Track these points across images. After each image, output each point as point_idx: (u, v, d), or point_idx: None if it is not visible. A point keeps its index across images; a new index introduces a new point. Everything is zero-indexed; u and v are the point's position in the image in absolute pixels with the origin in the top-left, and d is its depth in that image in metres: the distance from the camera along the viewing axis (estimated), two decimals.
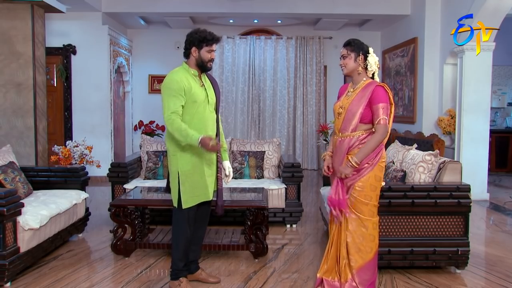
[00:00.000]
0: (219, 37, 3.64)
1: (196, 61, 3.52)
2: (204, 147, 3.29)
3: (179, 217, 3.51)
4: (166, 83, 3.46)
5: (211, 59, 3.53)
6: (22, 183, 4.62)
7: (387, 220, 3.95)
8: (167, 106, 3.38)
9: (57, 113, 8.68)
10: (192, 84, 3.45)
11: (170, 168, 3.52)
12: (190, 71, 3.53)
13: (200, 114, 3.47)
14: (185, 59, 3.61)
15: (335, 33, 10.59)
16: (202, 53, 3.50)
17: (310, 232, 5.38)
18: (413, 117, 8.58)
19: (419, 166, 4.14)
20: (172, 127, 3.34)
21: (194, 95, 3.43)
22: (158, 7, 8.68)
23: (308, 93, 10.47)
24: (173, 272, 3.60)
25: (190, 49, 3.53)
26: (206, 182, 3.50)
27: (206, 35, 3.52)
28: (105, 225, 5.57)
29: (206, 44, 3.49)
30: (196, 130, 3.39)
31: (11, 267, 3.66)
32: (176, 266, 3.59)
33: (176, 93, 3.38)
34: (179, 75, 3.46)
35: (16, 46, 6.22)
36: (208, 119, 3.53)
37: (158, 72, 10.60)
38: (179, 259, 3.57)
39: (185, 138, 3.31)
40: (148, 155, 5.98)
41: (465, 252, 3.95)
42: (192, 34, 3.56)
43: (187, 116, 3.43)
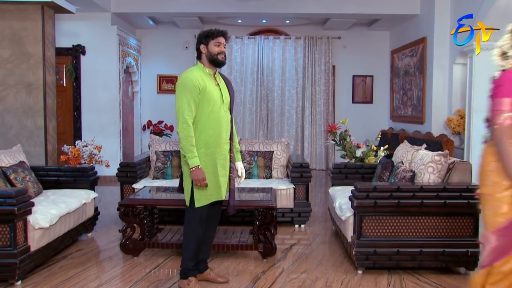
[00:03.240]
0: (225, 30, 3.66)
1: (207, 58, 3.56)
2: (193, 176, 3.37)
3: (191, 216, 3.52)
4: (180, 82, 3.48)
5: (220, 51, 3.54)
6: (32, 183, 4.66)
7: (396, 221, 3.93)
8: (182, 109, 3.41)
9: (67, 113, 8.73)
10: (207, 83, 3.47)
11: (184, 167, 3.54)
12: (205, 70, 3.57)
13: (215, 113, 3.49)
14: (198, 60, 3.65)
15: (344, 33, 10.56)
16: (210, 48, 3.54)
17: (319, 232, 5.37)
18: (422, 117, 8.54)
19: (428, 167, 4.12)
20: (183, 133, 3.39)
21: (209, 94, 3.45)
22: (167, 7, 8.71)
23: (317, 93, 10.45)
24: (182, 271, 3.61)
25: (200, 48, 3.59)
26: (219, 182, 3.51)
27: (211, 30, 3.60)
28: (114, 224, 5.59)
29: (212, 38, 3.54)
30: (211, 129, 3.45)
31: (22, 266, 3.69)
32: (186, 266, 3.59)
33: (191, 93, 3.40)
34: (194, 74, 3.48)
35: (26, 46, 6.27)
36: (222, 119, 3.54)
37: (167, 72, 10.63)
38: (189, 259, 3.58)
39: (187, 152, 3.38)
40: (157, 155, 6.00)
41: (475, 253, 3.92)
42: (199, 34, 3.67)
43: (202, 116, 3.45)
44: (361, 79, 10.80)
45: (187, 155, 3.39)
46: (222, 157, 3.55)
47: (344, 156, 6.18)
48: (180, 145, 3.43)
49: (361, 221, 3.94)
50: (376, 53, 10.65)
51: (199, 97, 3.42)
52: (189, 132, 3.39)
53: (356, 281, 3.86)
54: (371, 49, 10.66)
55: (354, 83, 10.81)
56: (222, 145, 3.55)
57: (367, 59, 10.69)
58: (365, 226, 3.94)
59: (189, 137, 3.39)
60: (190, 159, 3.37)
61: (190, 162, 3.38)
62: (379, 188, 3.95)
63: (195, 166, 3.37)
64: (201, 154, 3.45)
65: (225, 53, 3.59)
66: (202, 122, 3.44)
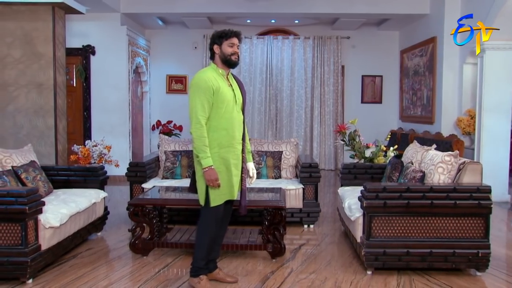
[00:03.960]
0: (238, 31, 3.65)
1: (220, 58, 3.57)
2: (206, 176, 3.39)
3: (207, 216, 3.53)
4: (194, 82, 3.48)
5: (233, 52, 3.56)
6: (43, 182, 4.69)
7: (406, 221, 3.91)
8: (195, 110, 3.41)
9: (77, 113, 8.79)
10: (220, 84, 3.49)
11: (197, 167, 3.54)
12: (218, 71, 3.58)
13: (228, 114, 3.51)
14: (211, 60, 3.66)
15: (353, 33, 10.53)
16: (223, 48, 3.55)
17: (328, 233, 5.36)
18: (431, 118, 8.49)
19: (438, 167, 4.09)
20: (196, 134, 3.40)
21: (222, 95, 3.47)
22: (176, 7, 8.74)
23: (326, 93, 10.43)
24: (193, 269, 3.62)
25: (213, 48, 3.59)
26: (232, 182, 3.53)
27: (224, 30, 3.59)
28: (123, 224, 5.62)
29: (226, 38, 3.55)
30: (224, 130, 3.47)
31: (33, 264, 3.73)
32: (197, 264, 3.60)
33: (205, 93, 3.41)
34: (208, 74, 3.49)
35: (37, 47, 6.31)
36: (235, 120, 3.56)
37: (176, 72, 10.67)
38: (202, 258, 3.59)
39: (200, 152, 3.40)
40: (166, 155, 6.02)
41: (486, 255, 3.90)
42: (212, 34, 3.65)
43: (216, 116, 3.47)
44: (370, 79, 10.76)
45: (200, 155, 3.40)
46: (235, 157, 3.57)
47: (353, 156, 6.15)
48: (193, 145, 3.44)
49: (371, 222, 3.93)
50: (385, 53, 10.61)
51: (212, 98, 3.43)
52: (202, 133, 3.40)
53: (365, 282, 3.85)
54: (380, 49, 10.62)
55: (363, 83, 10.77)
56: (235, 145, 3.56)
57: (376, 59, 10.65)
58: (375, 226, 3.92)
59: (202, 137, 3.40)
60: (203, 159, 3.39)
61: (203, 163, 3.39)
62: (388, 189, 3.94)
63: (208, 166, 3.39)
64: (214, 154, 3.46)
65: (238, 54, 3.60)
66: (215, 123, 3.46)
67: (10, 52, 6.31)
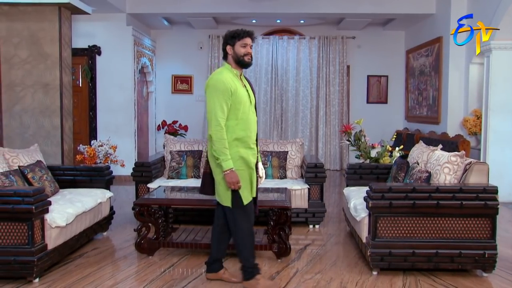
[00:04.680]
0: (251, 31, 3.59)
1: (233, 59, 3.55)
2: (227, 179, 3.36)
3: (240, 215, 3.50)
4: (212, 84, 3.44)
5: (246, 53, 3.52)
6: (49, 182, 4.71)
7: (412, 222, 3.90)
8: (214, 112, 3.38)
9: (82, 113, 8.82)
10: (236, 84, 3.47)
11: (217, 170, 3.49)
12: (233, 71, 3.56)
13: (245, 115, 3.49)
14: (224, 60, 3.64)
15: (358, 33, 10.51)
16: (236, 49, 3.52)
17: (333, 233, 5.35)
18: (437, 118, 8.46)
19: (444, 167, 4.08)
20: (216, 136, 3.36)
21: (239, 96, 3.45)
22: (181, 7, 8.75)
23: (331, 93, 10.41)
24: (246, 271, 3.59)
25: (226, 49, 3.57)
26: (253, 179, 3.55)
27: (237, 30, 3.55)
28: (129, 223, 5.63)
29: (238, 39, 3.51)
30: (242, 131, 3.46)
31: (39, 264, 3.74)
32: (249, 264, 3.58)
33: (223, 95, 3.38)
34: (225, 76, 3.46)
35: (44, 47, 6.35)
36: (251, 121, 3.55)
37: (181, 73, 10.68)
38: (250, 256, 3.58)
39: (220, 154, 3.36)
40: (172, 155, 6.03)
41: (493, 255, 3.88)
42: (225, 34, 3.61)
43: (233, 118, 3.44)
44: (376, 79, 10.74)
45: (220, 158, 3.36)
46: (253, 157, 3.57)
47: (359, 157, 6.15)
48: (213, 147, 3.40)
49: (376, 222, 3.92)
50: (391, 53, 10.58)
51: (230, 99, 3.40)
52: (223, 135, 3.38)
53: (371, 282, 3.84)
54: (386, 49, 10.59)
55: (369, 83, 10.74)
56: (251, 145, 3.55)
57: (382, 59, 10.63)
58: (380, 227, 3.91)
59: (222, 140, 3.37)
60: (224, 161, 3.36)
61: (224, 165, 3.36)
62: (394, 189, 3.93)
63: (229, 169, 3.36)
64: (234, 154, 3.44)
65: (251, 54, 3.56)
66: (233, 124, 3.44)
67: (17, 53, 6.35)
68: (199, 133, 10.39)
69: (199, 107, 10.55)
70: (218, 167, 3.47)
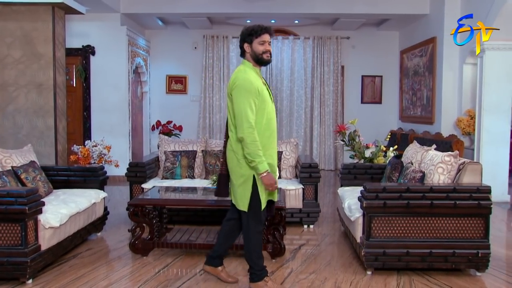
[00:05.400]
0: (268, 26, 3.45)
1: (252, 57, 3.44)
2: (265, 181, 3.29)
3: (254, 219, 3.44)
4: (240, 84, 3.32)
5: (265, 50, 3.41)
6: (43, 182, 4.69)
7: (406, 221, 3.91)
8: (245, 113, 3.28)
9: (76, 113, 8.79)
10: (260, 83, 3.40)
11: (239, 172, 3.41)
12: (255, 69, 3.46)
13: (269, 114, 3.42)
14: (242, 57, 3.54)
15: (353, 33, 10.53)
16: (254, 47, 3.42)
17: (328, 233, 5.36)
18: (431, 118, 8.49)
19: (438, 167, 4.09)
20: (250, 138, 3.26)
21: (264, 95, 3.38)
22: (176, 7, 8.74)
23: (325, 93, 10.43)
24: (255, 273, 3.53)
25: (243, 46, 3.47)
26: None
27: (254, 27, 3.43)
28: (123, 224, 5.62)
29: (256, 36, 3.40)
30: (268, 131, 3.40)
31: (33, 265, 3.72)
32: (258, 267, 3.53)
33: (251, 95, 3.29)
34: (250, 75, 3.37)
35: (37, 47, 6.31)
36: (273, 119, 3.48)
37: (176, 73, 10.67)
38: (258, 258, 3.53)
39: (255, 157, 3.26)
40: (166, 155, 6.02)
41: (486, 255, 3.90)
42: (242, 31, 3.50)
43: (260, 118, 3.36)
44: (370, 79, 10.77)
45: (256, 160, 3.27)
46: (276, 158, 3.52)
47: (353, 157, 6.15)
48: (246, 150, 3.29)
49: (370, 222, 3.93)
50: (385, 53, 10.62)
51: (258, 99, 3.32)
52: (256, 136, 3.28)
53: (365, 282, 3.85)
54: (380, 49, 10.62)
55: (363, 83, 10.77)
56: (274, 146, 3.50)
57: (376, 59, 10.66)
58: (374, 226, 3.92)
59: (256, 142, 3.27)
60: (260, 164, 3.27)
61: (260, 167, 3.27)
62: (388, 189, 3.94)
63: (265, 170, 3.28)
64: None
65: (270, 51, 3.45)
66: (260, 124, 3.35)
67: (10, 52, 6.31)
68: (194, 133, 10.39)
69: (193, 107, 10.54)
70: (243, 169, 3.37)
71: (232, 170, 3.46)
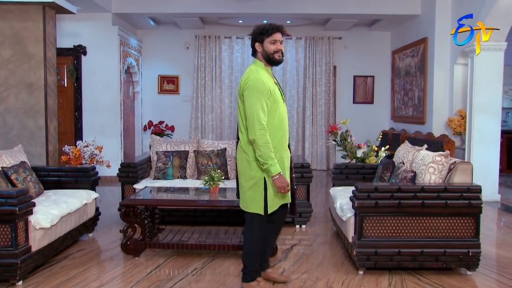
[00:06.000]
0: (280, 25, 3.38)
1: (263, 57, 3.40)
2: (277, 183, 3.25)
3: (259, 222, 3.42)
4: (252, 84, 3.28)
5: (276, 50, 3.35)
6: (34, 183, 4.66)
7: (397, 221, 3.93)
8: (256, 114, 3.23)
9: (68, 113, 8.74)
10: (272, 83, 3.36)
11: (249, 174, 3.38)
12: (267, 69, 3.42)
13: (281, 114, 3.38)
14: (253, 57, 3.49)
15: (345, 33, 10.56)
16: (265, 46, 3.36)
17: (320, 233, 5.37)
18: (423, 118, 8.53)
19: (429, 167, 4.11)
20: (262, 140, 3.21)
21: (276, 95, 3.34)
22: (168, 7, 8.71)
23: (318, 93, 10.45)
24: (248, 274, 3.53)
25: (254, 46, 3.42)
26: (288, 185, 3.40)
27: (265, 26, 3.38)
28: (115, 224, 5.60)
29: (267, 35, 3.34)
30: (280, 132, 3.36)
31: (23, 266, 3.70)
32: (252, 268, 3.53)
33: (263, 96, 3.25)
34: (262, 75, 3.33)
35: (28, 47, 6.27)
36: (285, 120, 3.44)
37: (168, 73, 10.64)
38: (255, 261, 3.54)
39: (267, 159, 3.21)
40: (158, 155, 6.00)
41: (476, 254, 3.92)
42: (253, 30, 3.44)
43: (272, 119, 3.32)
44: (362, 80, 10.80)
45: (268, 163, 3.22)
46: (288, 159, 3.47)
47: (345, 157, 6.17)
48: (258, 152, 3.24)
49: (362, 222, 3.94)
50: (377, 54, 10.65)
51: (270, 100, 3.28)
52: (268, 138, 3.23)
53: (357, 282, 3.86)
54: (372, 50, 10.66)
55: (355, 84, 10.81)
56: (287, 147, 3.46)
57: (368, 60, 10.69)
58: (366, 226, 3.94)
59: (268, 144, 3.22)
60: (272, 166, 3.22)
61: (272, 170, 3.22)
62: (380, 189, 3.95)
63: (277, 173, 3.24)
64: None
65: (282, 51, 3.38)
66: (272, 125, 3.30)
67: (0, 52, 6.26)
68: (186, 134, 10.37)
69: (185, 107, 10.52)
70: (253, 171, 3.34)
71: (242, 172, 3.43)
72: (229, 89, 10.48)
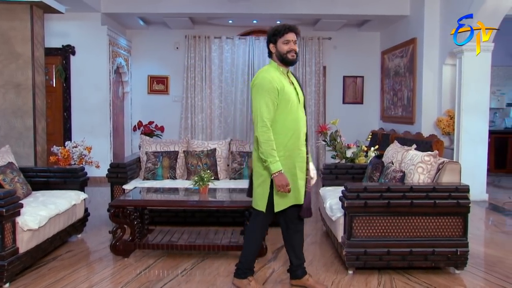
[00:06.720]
0: (293, 25, 3.42)
1: (277, 57, 3.43)
2: (277, 181, 3.26)
3: (262, 220, 3.47)
4: (258, 83, 3.34)
5: (290, 50, 3.38)
6: (21, 184, 4.62)
7: (386, 221, 3.95)
8: (260, 112, 3.28)
9: (56, 113, 8.67)
10: (283, 83, 3.38)
11: (258, 171, 3.42)
12: (279, 69, 3.45)
13: (293, 114, 3.39)
14: (270, 58, 3.52)
15: (334, 34, 10.59)
16: (279, 47, 3.40)
17: (309, 233, 5.37)
18: (412, 118, 8.59)
19: (418, 167, 4.14)
20: (263, 137, 3.27)
21: (287, 94, 3.35)
22: (158, 7, 8.68)
23: (307, 93, 10.46)
24: (241, 270, 3.57)
25: (269, 47, 3.47)
26: (298, 185, 3.41)
27: (278, 27, 3.42)
28: (104, 225, 5.56)
29: (280, 36, 3.39)
30: (290, 131, 3.37)
31: (10, 268, 3.66)
32: (247, 265, 3.57)
33: (269, 94, 3.28)
34: (271, 74, 3.37)
35: (15, 46, 6.21)
36: (300, 120, 3.44)
37: (157, 73, 10.60)
38: (252, 260, 3.58)
39: (268, 157, 3.26)
40: (147, 156, 5.97)
41: (464, 253, 3.96)
42: (267, 32, 3.49)
43: (281, 117, 3.34)
44: (352, 80, 10.84)
45: (268, 160, 3.26)
46: (301, 159, 3.45)
47: (335, 157, 6.19)
48: (260, 149, 3.30)
49: (352, 222, 3.95)
50: (366, 54, 10.70)
51: (277, 99, 3.30)
52: (270, 136, 3.27)
53: (346, 281, 3.87)
54: (361, 50, 10.70)
55: (345, 84, 10.84)
56: (300, 147, 3.45)
57: (358, 60, 10.73)
58: (356, 226, 3.95)
59: (270, 141, 3.27)
60: (272, 164, 3.25)
61: (272, 167, 3.26)
62: (369, 189, 3.97)
63: (277, 171, 3.26)
64: (280, 157, 3.31)
65: (296, 51, 3.41)
66: (280, 124, 3.33)
67: None
68: (176, 134, 10.33)
69: (175, 107, 10.49)
70: (263, 169, 3.36)
71: (254, 169, 3.48)
72: (219, 89, 10.45)
